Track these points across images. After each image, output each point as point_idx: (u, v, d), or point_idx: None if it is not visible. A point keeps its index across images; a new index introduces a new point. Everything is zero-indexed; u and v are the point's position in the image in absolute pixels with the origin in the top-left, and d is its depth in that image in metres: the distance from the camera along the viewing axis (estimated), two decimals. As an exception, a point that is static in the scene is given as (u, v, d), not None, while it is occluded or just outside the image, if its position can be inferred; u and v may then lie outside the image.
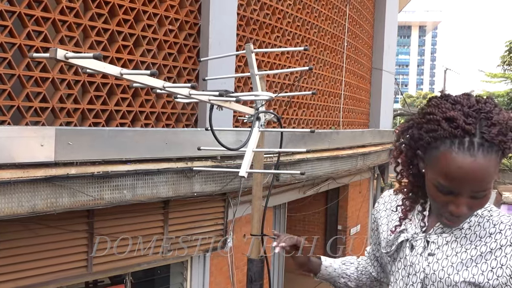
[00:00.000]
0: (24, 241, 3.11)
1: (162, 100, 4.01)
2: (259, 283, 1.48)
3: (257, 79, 1.50)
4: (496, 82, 24.59)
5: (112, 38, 3.56)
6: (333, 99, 7.14)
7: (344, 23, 7.38)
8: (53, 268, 3.28)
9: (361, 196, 9.39)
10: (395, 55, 10.51)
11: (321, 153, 5.75)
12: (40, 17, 3.06)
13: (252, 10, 4.96)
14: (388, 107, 9.98)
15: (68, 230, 3.32)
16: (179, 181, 3.70)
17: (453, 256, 1.17)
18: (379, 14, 9.44)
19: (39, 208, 2.81)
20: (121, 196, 3.27)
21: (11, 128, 2.70)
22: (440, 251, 1.20)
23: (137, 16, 3.73)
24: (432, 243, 1.21)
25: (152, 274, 4.55)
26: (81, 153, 2.99)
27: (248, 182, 4.26)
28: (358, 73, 8.39)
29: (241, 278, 5.12)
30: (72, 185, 2.96)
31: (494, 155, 1.08)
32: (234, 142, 3.88)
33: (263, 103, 1.51)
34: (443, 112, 1.10)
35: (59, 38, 3.19)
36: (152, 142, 3.50)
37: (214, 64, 4.15)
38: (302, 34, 5.99)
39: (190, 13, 4.23)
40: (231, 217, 4.66)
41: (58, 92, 3.24)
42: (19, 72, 2.99)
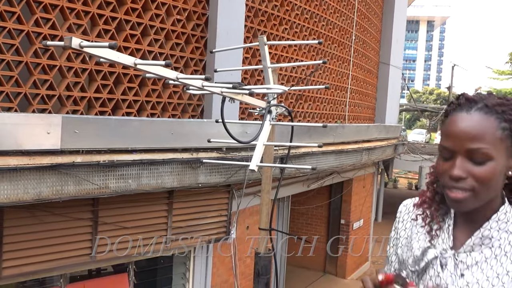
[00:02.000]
0: (29, 228, 3.13)
1: (169, 90, 4.00)
2: (266, 277, 1.47)
3: (270, 72, 1.48)
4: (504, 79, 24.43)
5: (120, 26, 3.54)
6: (339, 93, 7.10)
7: (352, 16, 7.32)
8: (57, 255, 3.30)
9: (365, 191, 9.38)
10: (403, 49, 10.43)
11: (327, 147, 5.73)
12: (49, 4, 3.04)
13: (261, 1, 4.92)
14: (394, 102, 9.93)
15: (73, 218, 3.33)
16: (184, 171, 3.70)
17: (484, 281, 1.12)
18: (388, 8, 9.36)
19: (45, 195, 2.82)
20: (126, 185, 3.27)
21: (18, 115, 2.70)
22: (469, 272, 1.15)
23: (145, 5, 3.70)
24: (461, 262, 1.16)
25: (155, 264, 4.57)
26: (87, 141, 2.99)
27: (252, 174, 4.25)
28: (365, 67, 8.33)
29: (243, 269, 5.13)
30: (78, 173, 2.96)
31: (494, 119, 1.08)
32: (240, 134, 3.87)
33: (275, 96, 1.49)
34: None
35: (67, 26, 3.17)
36: (158, 132, 3.49)
37: (222, 55, 4.13)
38: (310, 27, 5.94)
39: (198, 3, 4.20)
40: (235, 208, 4.66)
41: (65, 80, 3.23)
42: (26, 59, 2.98)
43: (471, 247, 1.16)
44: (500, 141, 1.08)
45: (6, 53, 2.88)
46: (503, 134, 1.09)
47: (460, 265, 1.16)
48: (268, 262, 1.54)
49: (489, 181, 1.09)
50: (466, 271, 1.15)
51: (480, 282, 1.12)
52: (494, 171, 1.09)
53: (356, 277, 9.20)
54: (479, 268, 1.14)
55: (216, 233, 4.48)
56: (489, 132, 1.08)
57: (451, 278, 1.16)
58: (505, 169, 1.12)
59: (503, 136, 1.09)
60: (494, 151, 1.08)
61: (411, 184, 20.88)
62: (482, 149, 1.08)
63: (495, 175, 1.09)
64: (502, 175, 1.12)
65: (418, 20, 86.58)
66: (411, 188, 20.66)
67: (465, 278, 1.14)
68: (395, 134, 9.45)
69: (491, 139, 1.08)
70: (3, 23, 2.84)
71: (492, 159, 1.08)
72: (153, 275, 4.62)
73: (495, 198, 1.16)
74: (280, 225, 7.13)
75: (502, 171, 1.11)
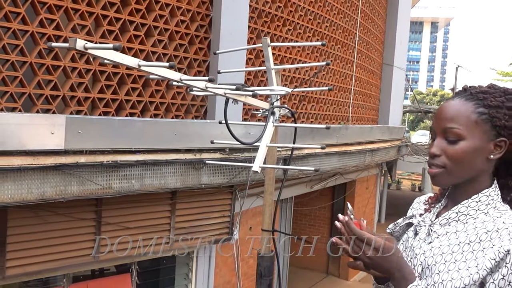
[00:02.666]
0: (33, 228, 3.14)
1: (172, 91, 4.01)
2: (268, 278, 1.47)
3: (273, 74, 1.48)
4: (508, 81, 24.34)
5: (123, 27, 3.55)
6: (343, 94, 7.09)
7: (356, 18, 7.31)
8: (60, 255, 3.31)
9: (368, 192, 9.36)
10: (406, 51, 10.41)
11: (330, 148, 5.73)
12: (53, 4, 3.06)
13: (265, 2, 4.92)
14: (397, 103, 9.91)
15: (76, 218, 3.34)
16: (187, 172, 3.70)
17: (446, 246, 1.20)
18: (392, 9, 9.34)
19: (48, 196, 2.83)
20: (129, 185, 3.28)
21: (22, 115, 2.71)
22: (438, 240, 1.22)
23: (149, 6, 3.71)
24: (434, 232, 1.24)
25: (158, 264, 4.57)
26: (91, 142, 3.00)
27: (255, 175, 4.26)
28: (368, 69, 8.32)
29: (246, 270, 5.13)
30: (81, 173, 2.97)
31: (472, 104, 1.19)
32: (244, 135, 3.87)
33: (278, 97, 1.49)
34: None
35: (71, 27, 3.19)
36: (161, 133, 3.50)
37: (225, 56, 4.13)
38: (313, 28, 5.94)
39: (202, 4, 4.21)
40: (238, 209, 4.66)
41: (69, 80, 3.25)
42: (31, 60, 3.00)
43: (446, 220, 1.24)
44: (475, 124, 1.18)
45: (11, 54, 2.89)
46: (479, 118, 1.18)
47: (432, 234, 1.24)
48: (271, 263, 1.54)
49: (459, 159, 1.19)
50: (436, 239, 1.22)
51: (442, 248, 1.19)
52: (465, 151, 1.18)
53: (359, 279, 9.19)
54: (447, 237, 1.21)
55: (219, 234, 4.48)
56: (464, 115, 1.19)
57: (418, 242, 1.25)
58: (485, 153, 1.19)
59: (478, 119, 1.18)
60: (466, 132, 1.18)
61: (415, 185, 20.83)
62: (454, 128, 1.18)
63: (466, 154, 1.18)
64: (480, 157, 1.19)
65: (422, 21, 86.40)
66: (415, 189, 20.61)
67: (431, 244, 1.22)
68: (399, 135, 9.43)
69: (465, 121, 1.18)
70: (8, 23, 2.85)
71: (464, 139, 1.18)
72: (156, 275, 4.63)
73: (478, 180, 1.22)
74: (283, 226, 7.13)
75: (477, 153, 1.18)
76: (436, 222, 1.25)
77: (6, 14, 2.82)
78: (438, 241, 1.21)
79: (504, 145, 1.19)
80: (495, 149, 1.19)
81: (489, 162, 1.21)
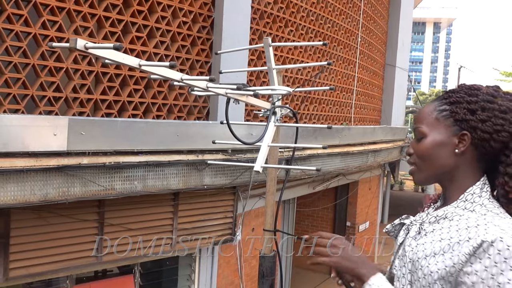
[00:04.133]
0: (35, 229, 3.15)
1: (175, 92, 4.01)
2: (270, 278, 1.47)
3: (275, 74, 1.48)
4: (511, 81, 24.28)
5: (126, 29, 3.56)
6: (345, 94, 7.09)
7: (358, 18, 7.31)
8: (63, 256, 3.31)
9: (370, 193, 9.35)
10: (409, 51, 10.39)
11: (332, 149, 5.72)
12: (55, 6, 3.07)
13: (266, 3, 4.93)
14: (400, 104, 9.90)
15: (79, 219, 3.35)
16: (189, 173, 3.70)
17: (429, 243, 1.22)
18: (394, 9, 9.33)
19: (51, 197, 2.83)
20: (132, 187, 3.28)
21: (25, 117, 2.72)
22: (426, 237, 1.25)
23: (151, 7, 3.72)
24: (424, 230, 1.28)
25: (161, 265, 4.58)
26: (93, 143, 3.01)
27: (258, 176, 4.25)
28: (371, 69, 8.31)
29: (248, 271, 5.13)
30: (84, 174, 2.97)
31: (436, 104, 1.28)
32: (246, 136, 3.87)
33: (280, 97, 1.49)
34: None
35: (74, 28, 3.19)
36: (164, 134, 3.50)
37: (227, 57, 4.14)
38: (316, 29, 5.94)
39: (204, 5, 4.21)
40: (240, 210, 4.66)
41: (72, 82, 3.25)
42: (33, 61, 3.01)
43: (435, 218, 1.27)
44: (437, 121, 1.26)
45: (14, 56, 2.90)
46: (439, 115, 1.26)
47: (422, 232, 1.28)
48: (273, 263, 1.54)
49: (424, 155, 1.27)
50: (424, 236, 1.26)
51: (426, 244, 1.23)
52: (427, 146, 1.25)
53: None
54: (433, 234, 1.24)
55: (222, 235, 4.48)
56: (427, 114, 1.28)
57: (409, 240, 1.30)
58: (450, 147, 1.24)
59: (439, 116, 1.26)
60: (428, 129, 1.26)
61: (417, 186, 20.77)
62: (418, 127, 1.29)
63: (428, 149, 1.26)
64: (445, 152, 1.25)
65: (425, 22, 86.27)
66: (417, 190, 20.56)
67: (419, 241, 1.26)
68: (401, 136, 9.42)
69: (427, 119, 1.27)
70: (11, 25, 2.86)
71: (426, 136, 1.26)
72: (159, 276, 4.63)
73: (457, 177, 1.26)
74: (285, 227, 7.12)
75: (441, 147, 1.25)
76: (426, 221, 1.29)
77: (8, 16, 2.84)
78: (426, 238, 1.24)
79: (466, 139, 1.23)
80: (459, 143, 1.23)
81: (458, 157, 1.24)
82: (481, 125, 1.21)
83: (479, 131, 1.21)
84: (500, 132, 1.20)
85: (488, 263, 1.09)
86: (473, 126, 1.22)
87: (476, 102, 1.23)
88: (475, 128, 1.21)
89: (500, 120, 1.21)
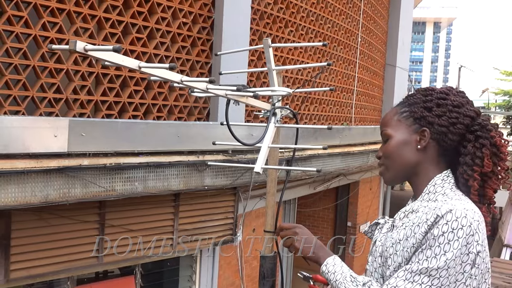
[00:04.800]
0: (36, 231, 3.15)
1: (175, 93, 4.01)
2: (271, 279, 1.47)
3: (274, 74, 1.48)
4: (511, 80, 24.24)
5: (126, 30, 3.56)
6: (345, 95, 7.09)
7: (358, 18, 7.31)
8: (64, 257, 3.31)
9: (371, 193, 9.34)
10: (409, 51, 10.39)
11: (333, 149, 5.72)
12: (56, 8, 3.07)
13: (266, 4, 4.93)
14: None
15: (79, 221, 3.35)
16: (190, 174, 3.71)
17: (395, 233, 1.30)
18: (394, 9, 9.33)
19: (52, 198, 2.84)
20: (132, 188, 3.28)
21: (25, 119, 2.72)
22: (394, 230, 1.33)
23: (151, 8, 3.72)
24: (394, 226, 1.35)
25: (162, 266, 4.58)
26: (94, 144, 3.01)
27: (259, 176, 4.26)
28: (371, 69, 8.31)
29: (249, 272, 5.13)
30: (85, 176, 2.98)
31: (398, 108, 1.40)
32: (246, 136, 3.87)
33: (280, 98, 1.49)
34: None
35: (74, 30, 3.20)
36: (164, 135, 3.50)
37: (228, 58, 4.14)
38: (316, 29, 5.94)
39: (204, 6, 4.21)
40: (241, 211, 4.66)
41: (72, 83, 3.26)
42: (34, 63, 3.01)
43: (404, 214, 1.35)
44: (399, 122, 1.37)
45: (14, 57, 2.91)
46: (400, 116, 1.38)
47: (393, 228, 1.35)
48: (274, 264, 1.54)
49: (390, 154, 1.37)
50: (394, 231, 1.33)
51: (393, 235, 1.31)
52: (392, 146, 1.36)
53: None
54: (402, 227, 1.31)
55: (222, 236, 4.48)
56: (390, 118, 1.40)
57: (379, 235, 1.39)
58: (413, 144, 1.34)
59: (401, 117, 1.37)
60: (392, 131, 1.37)
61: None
62: (384, 131, 1.41)
63: (393, 148, 1.36)
64: (408, 149, 1.34)
65: (425, 22, 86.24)
66: (418, 190, 20.51)
67: (387, 234, 1.35)
68: (402, 136, 9.40)
69: (391, 122, 1.39)
70: (11, 27, 2.86)
71: (391, 137, 1.37)
72: (160, 277, 4.63)
73: (421, 173, 1.34)
74: (286, 227, 7.10)
75: (404, 145, 1.34)
76: (396, 217, 1.38)
77: (9, 18, 2.84)
78: (394, 231, 1.32)
79: (426, 134, 1.32)
80: (420, 139, 1.33)
81: (421, 153, 1.33)
82: (437, 119, 1.31)
83: (437, 125, 1.31)
84: (455, 124, 1.29)
85: (436, 232, 1.17)
86: (430, 121, 1.32)
87: (431, 101, 1.33)
88: (432, 123, 1.31)
89: (454, 114, 1.30)
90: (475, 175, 1.26)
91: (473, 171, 1.27)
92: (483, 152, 1.26)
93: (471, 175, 1.27)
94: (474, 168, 1.26)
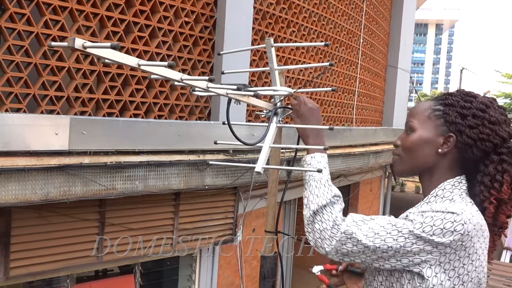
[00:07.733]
0: (36, 228, 3.15)
1: (176, 92, 4.01)
2: (272, 280, 1.46)
3: (276, 74, 1.48)
4: (513, 83, 24.21)
5: (128, 28, 3.56)
6: (347, 95, 7.08)
7: (360, 19, 7.30)
8: (64, 255, 3.31)
9: (372, 194, 9.34)
10: (411, 53, 10.38)
11: (333, 150, 5.72)
12: (58, 6, 3.07)
13: (269, 4, 4.92)
14: (402, 105, 9.88)
15: (80, 219, 3.35)
16: (190, 173, 3.70)
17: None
18: (396, 11, 9.32)
19: (52, 196, 2.83)
20: (133, 186, 3.28)
21: (27, 116, 2.72)
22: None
23: (153, 7, 3.72)
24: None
25: (161, 265, 4.58)
26: (95, 142, 3.01)
27: (259, 176, 4.25)
28: (372, 70, 8.31)
29: (249, 272, 5.13)
30: (85, 174, 2.97)
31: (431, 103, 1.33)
32: (247, 136, 3.87)
33: (281, 98, 1.49)
34: None
35: (76, 28, 3.20)
36: (165, 134, 3.50)
37: (229, 57, 4.13)
38: (318, 30, 5.94)
39: (206, 5, 4.21)
40: (241, 211, 4.66)
41: (74, 81, 3.26)
42: (35, 61, 3.01)
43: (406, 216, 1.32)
44: (428, 119, 1.31)
45: (16, 55, 2.91)
46: (432, 114, 1.31)
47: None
48: (274, 264, 1.53)
49: (409, 148, 1.31)
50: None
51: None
52: (414, 140, 1.30)
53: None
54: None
55: (222, 235, 4.47)
56: (420, 111, 1.33)
57: None
58: (435, 146, 1.29)
59: (431, 115, 1.31)
60: (418, 125, 1.31)
61: (419, 188, 20.74)
62: (409, 121, 1.34)
63: (414, 143, 1.30)
64: (429, 149, 1.29)
65: (427, 23, 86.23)
66: (419, 192, 20.51)
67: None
68: (403, 137, 9.39)
69: (419, 116, 1.33)
70: (13, 24, 2.86)
71: (415, 131, 1.31)
72: (159, 276, 4.63)
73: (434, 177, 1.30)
74: (286, 227, 7.11)
75: (426, 144, 1.29)
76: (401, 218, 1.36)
77: (11, 15, 2.84)
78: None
79: (451, 141, 1.27)
80: (444, 143, 1.27)
81: (440, 157, 1.29)
82: (468, 130, 1.25)
83: (465, 136, 1.25)
84: (484, 141, 1.24)
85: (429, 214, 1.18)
86: (460, 129, 1.26)
87: (469, 108, 1.26)
88: (461, 132, 1.25)
89: (487, 130, 1.24)
90: (491, 199, 1.23)
91: (490, 194, 1.23)
92: (504, 178, 1.23)
93: (488, 198, 1.23)
94: (492, 191, 1.23)
